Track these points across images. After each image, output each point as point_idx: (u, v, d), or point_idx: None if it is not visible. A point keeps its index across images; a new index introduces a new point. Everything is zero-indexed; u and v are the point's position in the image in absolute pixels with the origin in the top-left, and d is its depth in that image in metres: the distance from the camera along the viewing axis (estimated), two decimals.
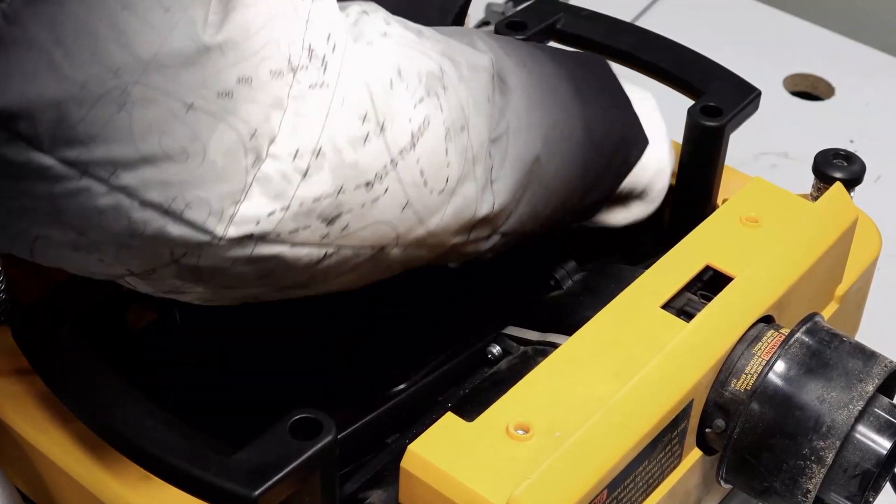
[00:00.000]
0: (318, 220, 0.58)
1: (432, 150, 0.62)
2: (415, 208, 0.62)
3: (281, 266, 0.59)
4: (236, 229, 0.56)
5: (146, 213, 0.54)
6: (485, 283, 0.88)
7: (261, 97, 0.55)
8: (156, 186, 0.54)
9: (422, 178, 0.61)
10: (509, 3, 1.59)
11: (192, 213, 0.55)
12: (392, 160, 0.60)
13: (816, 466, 0.71)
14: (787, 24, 1.63)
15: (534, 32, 0.99)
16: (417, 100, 0.61)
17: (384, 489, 0.75)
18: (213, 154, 0.54)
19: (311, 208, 0.57)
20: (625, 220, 0.88)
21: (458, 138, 0.63)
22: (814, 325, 0.76)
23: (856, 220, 0.85)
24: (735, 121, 0.90)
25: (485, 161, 0.66)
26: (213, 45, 0.53)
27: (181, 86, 0.53)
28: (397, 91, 0.60)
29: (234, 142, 0.54)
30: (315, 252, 0.60)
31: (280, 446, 0.64)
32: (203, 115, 0.53)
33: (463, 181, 0.64)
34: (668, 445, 0.72)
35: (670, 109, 1.06)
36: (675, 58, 0.97)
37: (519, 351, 0.82)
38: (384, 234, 0.62)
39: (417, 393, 0.83)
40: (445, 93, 0.63)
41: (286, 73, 0.55)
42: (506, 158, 0.67)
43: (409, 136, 0.60)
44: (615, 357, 0.71)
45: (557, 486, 0.64)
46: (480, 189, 0.66)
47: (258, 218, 0.56)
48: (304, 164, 0.56)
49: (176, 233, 0.55)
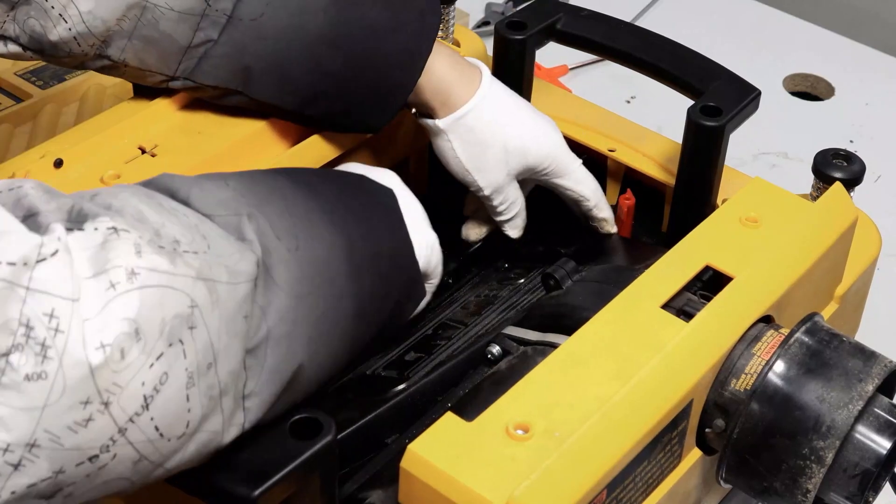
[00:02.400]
0: (36, 498, 0.55)
1: (170, 403, 0.57)
2: (150, 459, 0.58)
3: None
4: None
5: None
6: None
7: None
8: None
9: (157, 433, 0.57)
10: (509, 3, 1.59)
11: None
12: (120, 429, 0.55)
13: (816, 466, 0.71)
14: (787, 24, 1.63)
15: (534, 32, 0.99)
16: (155, 358, 0.56)
17: (384, 489, 0.75)
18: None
19: (27, 492, 0.54)
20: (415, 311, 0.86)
21: (203, 379, 0.58)
22: (813, 325, 0.76)
23: (855, 220, 0.85)
24: (735, 121, 0.90)
25: (236, 384, 0.61)
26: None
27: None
28: (130, 357, 0.55)
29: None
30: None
31: (280, 446, 0.64)
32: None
33: (207, 418, 0.60)
34: (668, 445, 0.72)
35: (670, 109, 1.06)
36: (675, 58, 0.97)
37: (519, 351, 0.82)
38: (117, 487, 0.58)
39: (417, 393, 0.83)
40: (193, 333, 0.58)
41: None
42: (263, 369, 0.63)
43: (142, 400, 0.55)
44: (615, 357, 0.71)
45: (557, 486, 0.64)
46: (228, 417, 0.61)
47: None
48: (15, 458, 0.52)
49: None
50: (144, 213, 0.59)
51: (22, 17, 0.79)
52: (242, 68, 0.84)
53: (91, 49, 0.81)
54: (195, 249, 0.59)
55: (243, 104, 0.87)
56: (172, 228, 0.59)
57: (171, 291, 0.57)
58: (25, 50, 0.81)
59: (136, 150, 0.86)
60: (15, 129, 1.16)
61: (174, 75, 0.85)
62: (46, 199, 0.56)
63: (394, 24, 0.86)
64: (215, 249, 0.60)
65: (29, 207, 0.55)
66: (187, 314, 0.57)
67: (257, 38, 0.83)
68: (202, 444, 0.60)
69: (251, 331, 0.62)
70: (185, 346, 0.57)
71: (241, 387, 0.61)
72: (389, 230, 0.76)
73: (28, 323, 0.52)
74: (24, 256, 0.52)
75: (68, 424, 0.53)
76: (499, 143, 0.91)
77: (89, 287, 0.54)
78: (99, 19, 0.79)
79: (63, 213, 0.56)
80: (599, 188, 0.96)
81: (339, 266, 0.69)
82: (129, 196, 0.60)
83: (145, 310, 0.55)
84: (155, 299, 0.56)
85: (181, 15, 0.81)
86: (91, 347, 0.53)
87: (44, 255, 0.52)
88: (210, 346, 0.58)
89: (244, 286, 0.61)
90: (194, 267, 0.58)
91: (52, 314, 0.52)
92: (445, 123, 0.90)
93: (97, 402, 0.54)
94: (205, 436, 0.60)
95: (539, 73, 1.19)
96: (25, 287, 0.52)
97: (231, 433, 0.62)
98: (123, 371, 0.54)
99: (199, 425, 0.59)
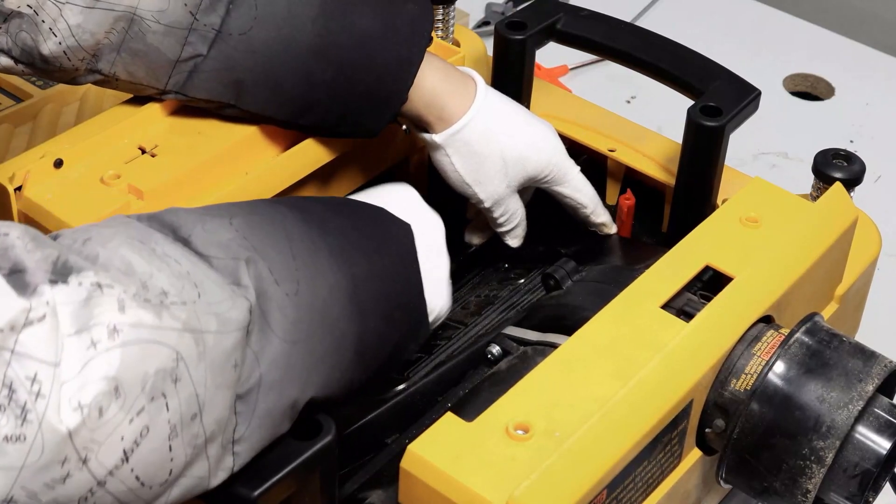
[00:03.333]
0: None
1: (151, 454, 0.57)
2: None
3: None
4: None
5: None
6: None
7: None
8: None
9: (138, 482, 0.57)
10: (509, 3, 1.59)
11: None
12: (99, 482, 0.56)
13: (816, 466, 0.71)
14: (787, 24, 1.63)
15: (534, 32, 0.99)
16: (136, 413, 0.56)
17: (384, 489, 0.75)
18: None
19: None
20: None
21: (187, 429, 0.58)
22: (813, 325, 0.76)
23: (856, 220, 0.85)
24: (735, 121, 0.90)
25: (224, 431, 0.61)
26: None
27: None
28: (108, 415, 0.55)
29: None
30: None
31: (280, 446, 0.64)
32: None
33: (191, 465, 0.60)
34: (668, 445, 0.72)
35: (670, 109, 1.06)
36: (675, 58, 0.97)
37: (519, 351, 0.83)
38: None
39: (417, 393, 0.83)
40: (177, 385, 0.58)
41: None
42: (254, 415, 0.62)
43: (121, 454, 0.56)
44: (615, 357, 0.71)
45: (557, 486, 0.64)
46: (215, 463, 0.61)
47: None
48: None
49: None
50: (133, 264, 0.59)
51: (14, 30, 0.79)
52: (234, 82, 0.84)
53: (81, 63, 0.82)
54: (184, 300, 0.59)
55: (237, 115, 0.87)
56: (161, 279, 0.59)
57: (154, 346, 0.57)
58: (17, 63, 0.81)
59: (136, 150, 0.86)
60: (15, 129, 1.16)
61: (165, 89, 0.85)
62: (32, 248, 0.56)
63: (384, 32, 0.86)
64: (206, 297, 0.60)
65: (15, 262, 0.55)
66: (171, 368, 0.57)
67: (247, 51, 0.83)
68: (187, 489, 0.60)
69: (243, 376, 0.61)
70: (168, 399, 0.57)
71: (230, 432, 0.61)
72: (400, 269, 0.74)
73: (11, 385, 0.52)
74: (12, 321, 0.52)
75: (46, 482, 0.54)
76: (497, 155, 0.91)
77: (71, 346, 0.54)
78: (88, 32, 0.80)
79: (48, 263, 0.56)
80: (596, 194, 0.96)
81: (343, 308, 0.68)
82: (119, 245, 0.60)
83: (126, 367, 0.55)
84: (137, 355, 0.56)
85: (168, 28, 0.81)
86: (68, 410, 0.54)
87: (31, 319, 0.53)
88: (195, 396, 0.58)
89: (234, 335, 0.60)
90: (181, 319, 0.58)
91: (34, 378, 0.53)
92: (442, 138, 0.89)
93: (75, 459, 0.54)
94: (189, 481, 0.60)
95: (539, 73, 1.19)
96: (11, 350, 0.52)
97: (219, 477, 0.62)
98: (101, 428, 0.55)
99: (182, 472, 0.59)
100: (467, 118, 0.89)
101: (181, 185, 0.84)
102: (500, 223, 0.94)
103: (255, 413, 0.62)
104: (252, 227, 0.66)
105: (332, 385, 0.67)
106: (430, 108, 0.89)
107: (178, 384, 0.58)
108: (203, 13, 0.82)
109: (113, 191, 0.82)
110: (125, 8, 0.80)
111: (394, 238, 0.74)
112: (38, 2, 0.78)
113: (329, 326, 0.67)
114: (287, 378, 0.64)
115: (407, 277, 0.74)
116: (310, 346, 0.65)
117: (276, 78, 0.84)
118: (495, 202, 0.92)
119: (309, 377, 0.65)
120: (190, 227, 0.64)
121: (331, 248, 0.69)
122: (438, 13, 1.01)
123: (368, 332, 0.69)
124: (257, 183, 0.87)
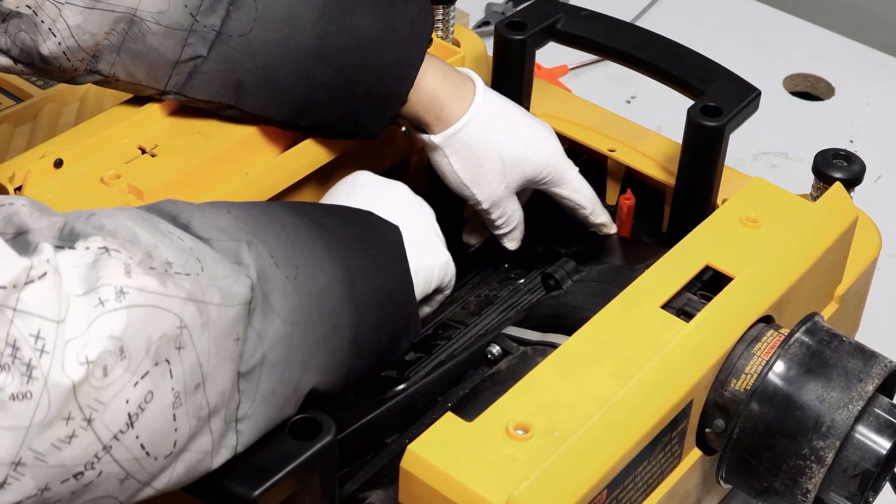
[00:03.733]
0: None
1: (155, 421, 0.57)
2: (137, 477, 0.58)
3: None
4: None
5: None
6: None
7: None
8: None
9: (143, 451, 0.58)
10: (509, 3, 1.59)
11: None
12: (105, 446, 0.56)
13: (816, 466, 0.71)
14: (787, 24, 1.63)
15: (534, 32, 0.99)
16: (140, 376, 0.56)
17: (384, 489, 0.75)
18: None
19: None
20: (430, 312, 0.86)
21: (190, 399, 0.59)
22: (813, 325, 0.76)
23: (856, 220, 0.85)
24: (735, 121, 0.90)
25: (227, 406, 0.62)
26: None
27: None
28: (114, 375, 0.55)
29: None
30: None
31: (280, 446, 0.64)
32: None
33: (195, 438, 0.60)
34: (668, 445, 0.72)
35: (670, 109, 1.06)
36: (675, 58, 0.97)
37: (519, 351, 0.83)
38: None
39: (417, 393, 0.83)
40: (181, 353, 0.58)
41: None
42: (257, 393, 0.63)
43: (126, 418, 0.56)
44: (615, 357, 0.71)
45: (557, 486, 0.64)
46: (218, 439, 0.61)
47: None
48: (0, 477, 0.53)
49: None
50: (138, 234, 0.60)
51: (13, 30, 0.79)
52: (233, 83, 0.85)
53: (81, 64, 0.82)
54: (187, 272, 0.60)
55: (237, 115, 0.87)
56: (165, 251, 0.60)
57: (159, 311, 0.57)
58: (16, 63, 0.82)
59: (136, 150, 0.86)
60: (15, 129, 1.17)
61: (165, 90, 0.85)
62: (38, 216, 0.57)
63: (384, 33, 0.86)
64: (209, 272, 0.61)
65: (19, 225, 0.56)
66: (175, 334, 0.58)
67: (247, 53, 0.83)
68: (191, 464, 0.60)
69: (246, 354, 0.62)
70: (172, 365, 0.58)
71: (233, 409, 0.62)
72: (391, 267, 0.75)
73: (15, 343, 0.52)
74: (13, 279, 0.52)
75: (52, 442, 0.54)
76: (495, 156, 0.91)
77: (78, 304, 0.54)
78: (87, 33, 0.80)
79: (54, 230, 0.57)
80: (595, 195, 0.96)
81: (339, 297, 0.69)
82: (124, 218, 0.60)
83: (132, 328, 0.56)
84: (142, 319, 0.56)
85: (168, 30, 0.81)
86: (74, 364, 0.54)
87: (32, 277, 0.53)
88: (198, 366, 0.59)
89: (236, 308, 0.61)
90: (185, 288, 0.59)
91: (38, 335, 0.53)
92: (441, 139, 0.89)
93: (79, 417, 0.54)
94: (193, 455, 0.60)
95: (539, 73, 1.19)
96: (13, 308, 0.52)
97: (222, 455, 0.62)
98: (106, 388, 0.55)
99: (186, 444, 0.59)
100: (466, 119, 0.89)
101: (181, 185, 0.84)
102: (498, 225, 0.94)
103: (259, 391, 0.63)
104: (249, 216, 0.67)
105: (331, 372, 0.68)
106: (429, 109, 0.89)
107: (182, 352, 0.58)
108: (203, 14, 0.82)
109: (113, 191, 0.82)
110: (125, 9, 0.80)
111: (384, 239, 0.76)
112: (38, 2, 0.78)
113: (327, 313, 0.67)
114: (289, 358, 0.64)
115: (397, 275, 0.75)
116: (310, 329, 0.66)
117: (275, 79, 0.85)
118: (493, 204, 0.92)
119: (309, 360, 0.66)
120: (189, 214, 0.65)
121: (326, 242, 0.70)
122: (438, 13, 1.01)
123: (364, 322, 0.70)
124: (257, 183, 0.87)
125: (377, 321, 0.72)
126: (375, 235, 0.76)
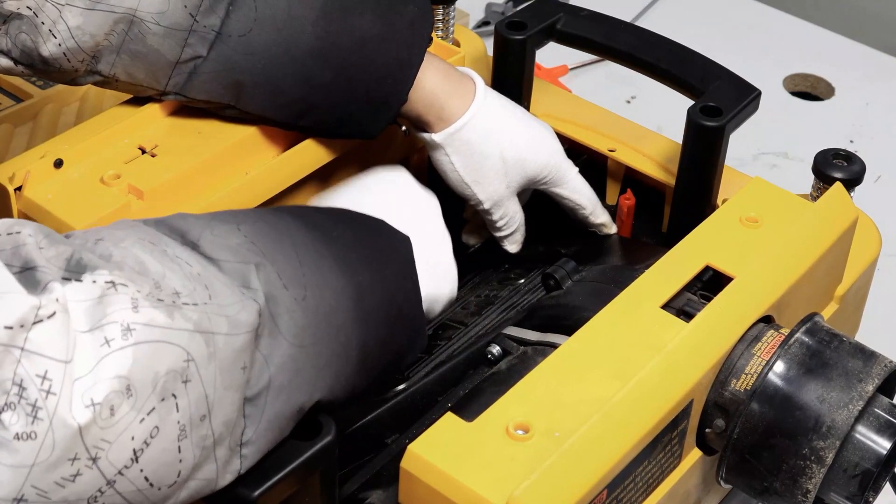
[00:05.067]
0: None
1: (160, 455, 0.58)
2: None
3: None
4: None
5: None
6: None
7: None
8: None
9: (147, 483, 0.58)
10: (509, 3, 1.59)
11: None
12: (109, 482, 0.56)
13: (816, 466, 0.71)
14: (787, 24, 1.63)
15: (534, 32, 0.99)
16: (146, 413, 0.56)
17: (384, 489, 0.75)
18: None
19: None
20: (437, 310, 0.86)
21: (196, 430, 0.59)
22: (813, 325, 0.76)
23: (856, 220, 0.85)
24: (735, 121, 0.90)
25: (232, 433, 0.61)
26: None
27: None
28: (120, 413, 0.55)
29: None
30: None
31: (280, 446, 0.64)
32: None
33: (200, 467, 0.60)
34: (668, 445, 0.72)
35: (670, 109, 1.06)
36: (675, 58, 0.97)
37: (519, 351, 0.83)
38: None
39: (417, 393, 0.83)
40: (187, 386, 0.58)
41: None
42: (262, 417, 0.63)
43: (131, 454, 0.56)
44: (615, 357, 0.71)
45: (557, 486, 0.64)
46: (223, 465, 0.61)
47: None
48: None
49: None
50: (146, 263, 0.59)
51: (14, 31, 0.79)
52: (233, 83, 0.84)
53: (81, 65, 0.82)
54: (195, 301, 0.60)
55: (237, 115, 0.87)
56: (173, 279, 0.59)
57: (166, 346, 0.57)
58: (17, 64, 0.81)
59: (136, 150, 0.86)
60: (15, 129, 1.16)
61: (165, 90, 0.85)
62: (45, 245, 0.56)
63: (384, 34, 0.86)
64: (217, 299, 0.61)
65: (26, 259, 0.55)
66: (182, 368, 0.58)
67: (247, 53, 0.83)
68: (195, 490, 0.60)
69: (252, 379, 0.62)
70: (178, 399, 0.58)
71: (238, 434, 0.61)
72: (401, 279, 0.75)
73: (21, 383, 0.52)
74: (21, 318, 0.52)
75: (56, 480, 0.54)
76: (496, 155, 0.91)
77: (84, 342, 0.54)
78: (87, 34, 0.80)
79: (61, 261, 0.56)
80: (595, 195, 0.96)
81: (347, 314, 0.68)
82: (132, 245, 0.60)
83: (138, 366, 0.56)
84: (149, 355, 0.56)
85: (167, 30, 0.81)
86: (80, 407, 0.54)
87: (41, 316, 0.53)
88: (204, 398, 0.59)
89: (243, 337, 0.61)
90: (192, 320, 0.59)
91: (45, 376, 0.53)
92: (441, 138, 0.89)
93: (85, 458, 0.54)
94: (198, 483, 0.60)
95: (539, 73, 1.19)
96: (21, 348, 0.52)
97: (226, 479, 0.62)
98: (112, 427, 0.55)
99: (191, 474, 0.59)
100: (467, 117, 0.89)
101: (181, 185, 0.84)
102: (500, 227, 0.94)
103: (264, 416, 0.62)
104: (259, 233, 0.67)
105: (336, 391, 0.68)
106: (429, 109, 0.89)
107: (189, 385, 0.58)
108: (203, 15, 0.82)
109: (113, 191, 0.82)
110: (125, 10, 0.80)
111: (394, 250, 0.75)
112: (38, 3, 0.78)
113: (335, 332, 0.67)
114: (295, 381, 0.64)
115: (407, 289, 0.75)
116: (317, 350, 0.65)
117: (275, 80, 0.85)
118: (495, 203, 0.92)
119: (315, 382, 0.65)
120: (198, 232, 0.64)
121: (335, 257, 0.70)
122: (438, 13, 1.01)
123: (371, 338, 0.70)
124: (257, 183, 0.87)
125: (385, 336, 0.72)
126: (385, 245, 0.75)
